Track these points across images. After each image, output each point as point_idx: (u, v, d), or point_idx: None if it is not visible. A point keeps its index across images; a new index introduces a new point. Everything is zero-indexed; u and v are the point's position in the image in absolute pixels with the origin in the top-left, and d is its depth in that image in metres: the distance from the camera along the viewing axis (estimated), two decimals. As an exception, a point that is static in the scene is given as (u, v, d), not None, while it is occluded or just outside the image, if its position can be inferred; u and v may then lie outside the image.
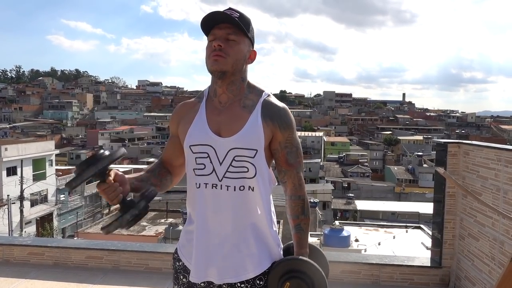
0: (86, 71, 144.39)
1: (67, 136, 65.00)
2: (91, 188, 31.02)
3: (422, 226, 13.64)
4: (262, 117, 1.30)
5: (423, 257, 3.56)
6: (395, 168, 49.50)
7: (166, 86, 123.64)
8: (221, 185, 1.28)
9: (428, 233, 11.74)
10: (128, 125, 70.05)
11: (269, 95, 1.37)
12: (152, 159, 48.38)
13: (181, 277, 1.37)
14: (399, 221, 24.53)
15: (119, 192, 1.18)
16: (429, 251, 3.49)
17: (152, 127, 70.42)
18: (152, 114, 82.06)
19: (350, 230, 12.03)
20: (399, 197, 40.47)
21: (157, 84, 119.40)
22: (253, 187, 1.29)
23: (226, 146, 1.28)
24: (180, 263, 1.38)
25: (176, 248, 1.42)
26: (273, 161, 1.38)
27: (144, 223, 18.02)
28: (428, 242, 9.61)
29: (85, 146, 58.12)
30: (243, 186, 1.28)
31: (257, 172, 1.29)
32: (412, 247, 10.75)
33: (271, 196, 1.38)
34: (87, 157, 1.35)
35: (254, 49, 1.36)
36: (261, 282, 1.30)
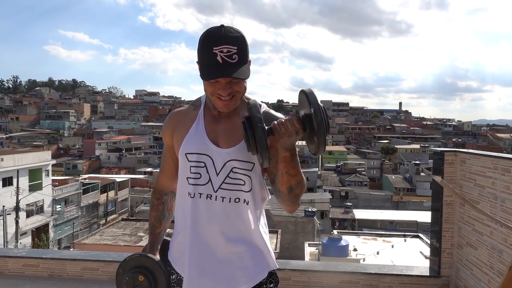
0: (83, 81, 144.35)
1: (64, 146, 64.70)
2: (88, 199, 30.85)
3: (420, 234, 13.58)
4: None
5: (422, 266, 3.54)
6: (393, 177, 49.50)
7: (164, 96, 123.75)
8: (215, 196, 1.26)
9: (426, 242, 11.68)
10: (125, 135, 69.91)
11: (265, 107, 1.36)
12: (149, 169, 48.11)
13: None
14: (397, 230, 24.44)
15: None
16: (428, 260, 3.47)
17: (150, 136, 70.29)
18: (150, 123, 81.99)
19: (348, 240, 11.99)
20: (397, 206, 40.38)
21: (155, 93, 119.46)
22: (247, 200, 1.28)
23: (224, 157, 1.27)
24: (174, 277, 1.36)
25: (169, 261, 1.39)
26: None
27: (141, 234, 17.83)
28: (427, 251, 9.55)
29: (82, 156, 57.89)
30: (238, 199, 1.27)
31: (252, 186, 1.28)
32: (410, 256, 10.68)
33: (263, 209, 1.37)
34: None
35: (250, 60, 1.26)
36: None
